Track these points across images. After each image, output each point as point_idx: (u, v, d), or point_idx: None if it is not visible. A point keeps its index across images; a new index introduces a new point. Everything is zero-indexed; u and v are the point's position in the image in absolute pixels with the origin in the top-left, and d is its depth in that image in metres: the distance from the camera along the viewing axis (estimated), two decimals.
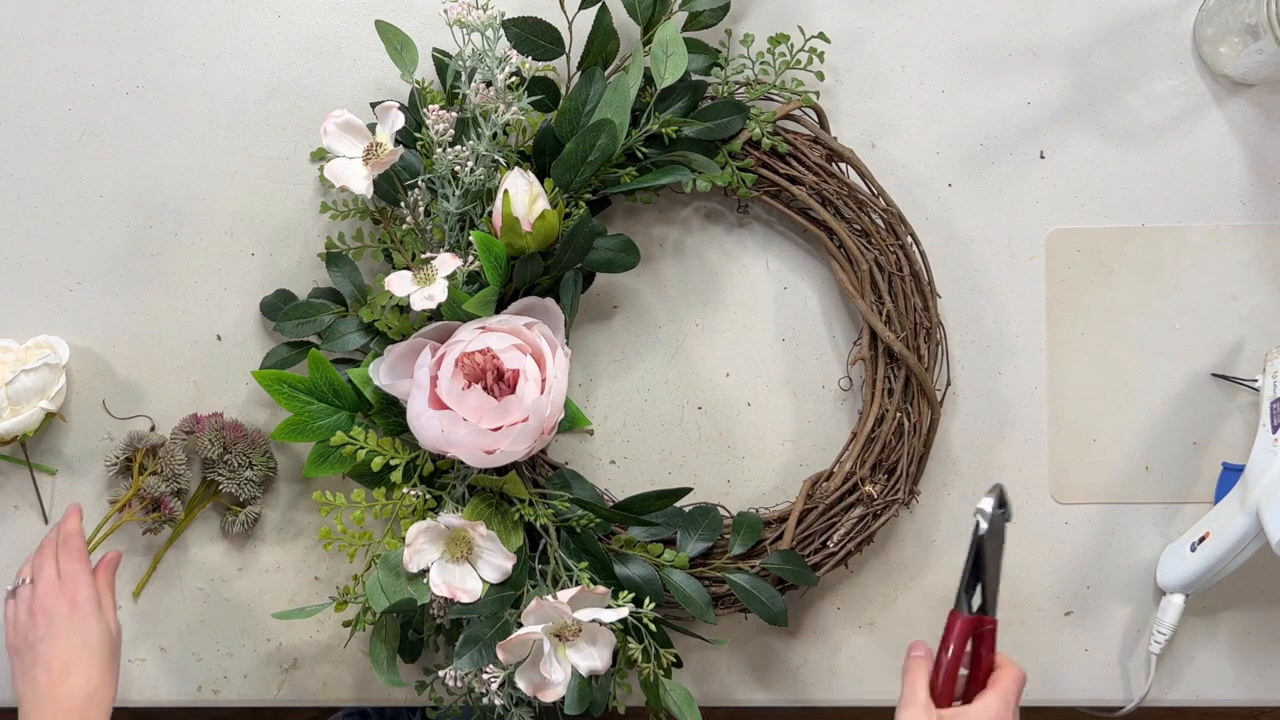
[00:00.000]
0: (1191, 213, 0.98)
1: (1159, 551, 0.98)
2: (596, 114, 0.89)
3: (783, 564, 0.91)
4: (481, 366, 0.84)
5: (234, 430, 0.96)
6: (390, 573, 0.86)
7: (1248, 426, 0.97)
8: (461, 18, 0.86)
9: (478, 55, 0.87)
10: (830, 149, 0.94)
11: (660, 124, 0.91)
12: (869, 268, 0.94)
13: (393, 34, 0.91)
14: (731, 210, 0.99)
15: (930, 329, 0.94)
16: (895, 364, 0.94)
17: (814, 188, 0.94)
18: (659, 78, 0.90)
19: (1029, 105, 0.98)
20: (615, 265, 0.93)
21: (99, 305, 0.99)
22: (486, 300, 0.87)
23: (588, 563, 0.88)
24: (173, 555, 0.99)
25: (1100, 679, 0.99)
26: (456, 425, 0.84)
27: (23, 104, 1.00)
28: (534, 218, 0.87)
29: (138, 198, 0.99)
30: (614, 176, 0.92)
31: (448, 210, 0.90)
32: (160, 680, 0.99)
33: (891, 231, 0.94)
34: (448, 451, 0.85)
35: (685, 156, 0.91)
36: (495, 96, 0.87)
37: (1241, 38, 0.94)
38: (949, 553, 0.99)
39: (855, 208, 0.94)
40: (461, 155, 0.87)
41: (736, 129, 0.92)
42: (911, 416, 0.94)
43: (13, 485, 0.99)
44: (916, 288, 0.94)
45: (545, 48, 0.92)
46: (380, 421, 0.90)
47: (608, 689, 0.88)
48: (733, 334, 0.99)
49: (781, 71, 0.94)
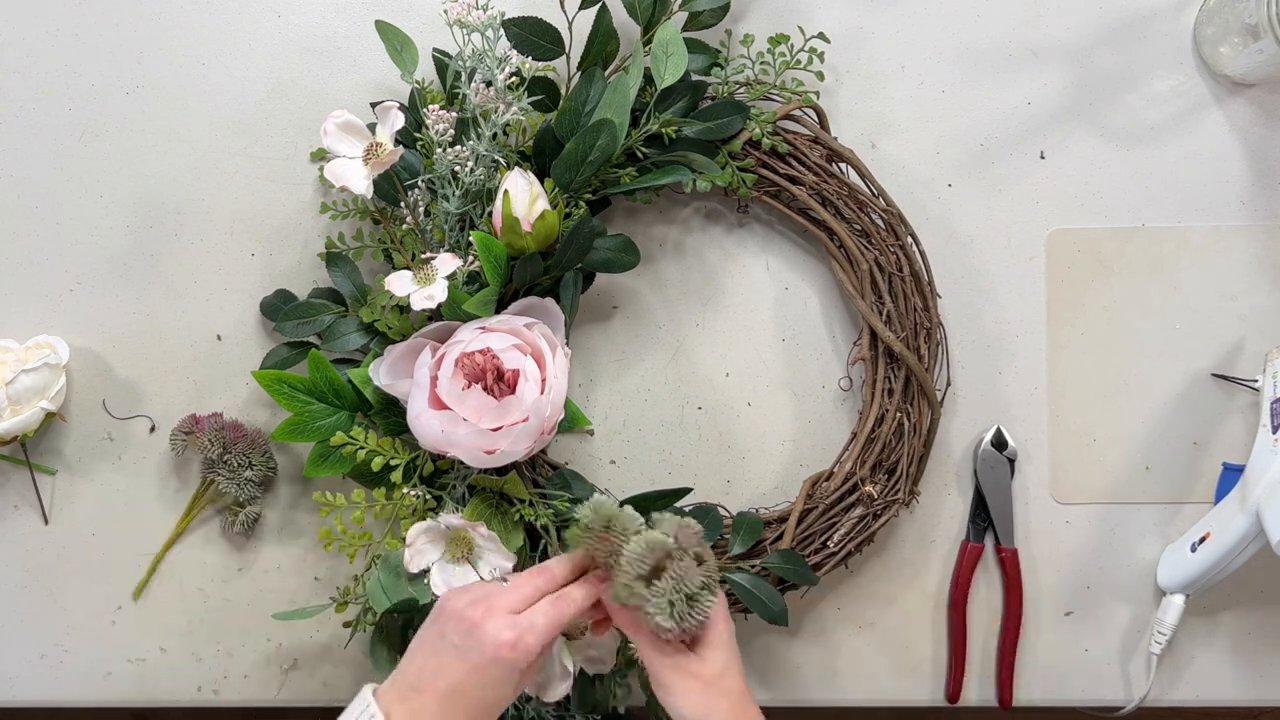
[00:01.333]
0: (1191, 213, 0.98)
1: (1159, 551, 0.98)
2: (596, 114, 0.89)
3: (783, 564, 0.91)
4: (481, 367, 0.84)
5: (234, 430, 0.96)
6: (391, 573, 0.86)
7: (1248, 426, 0.97)
8: (461, 18, 0.86)
9: (478, 55, 0.87)
10: (830, 149, 0.94)
11: (660, 124, 0.91)
12: (869, 268, 0.94)
13: (393, 34, 0.91)
14: (731, 210, 0.99)
15: (930, 329, 0.94)
16: (895, 364, 0.94)
17: (814, 188, 0.94)
18: (659, 78, 0.90)
19: (1029, 105, 0.98)
20: (615, 265, 0.93)
21: (99, 305, 0.99)
22: (486, 300, 0.87)
23: None
24: (173, 555, 0.99)
25: (1100, 679, 0.99)
26: (456, 425, 0.84)
27: (23, 104, 1.00)
28: (534, 218, 0.87)
29: (138, 198, 0.99)
30: (614, 177, 0.92)
31: (448, 210, 0.90)
32: (160, 680, 0.99)
33: (891, 232, 0.94)
34: (448, 451, 0.85)
35: (685, 156, 0.91)
36: (495, 96, 0.87)
37: (1241, 38, 0.94)
38: (949, 553, 0.99)
39: (855, 208, 0.94)
40: (461, 155, 0.87)
41: (736, 129, 0.92)
42: (911, 416, 0.94)
43: (13, 485, 0.99)
44: (916, 288, 0.94)
45: (545, 48, 0.92)
46: (380, 421, 0.90)
47: (608, 689, 0.88)
48: (733, 334, 0.99)
49: (781, 72, 0.94)
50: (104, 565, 0.99)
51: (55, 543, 0.99)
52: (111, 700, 1.00)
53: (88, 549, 0.99)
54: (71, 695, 1.00)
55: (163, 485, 0.99)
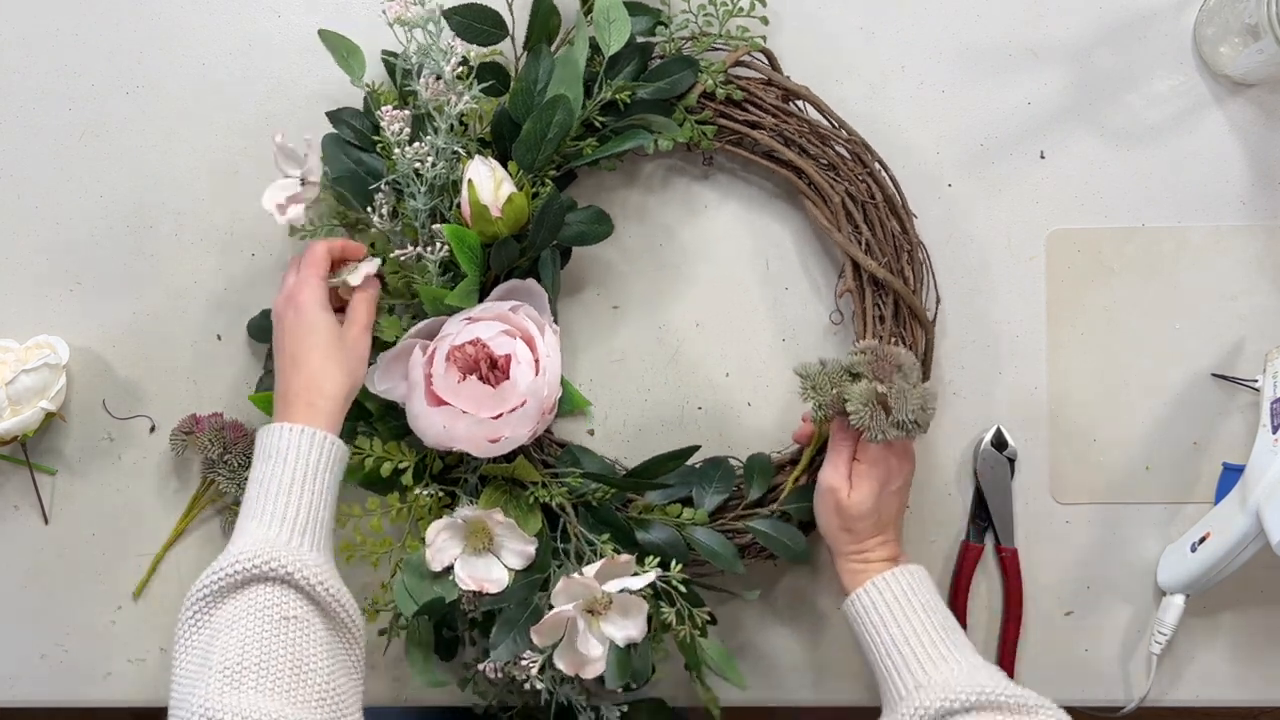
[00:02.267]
0: (1191, 213, 0.98)
1: (1159, 551, 0.98)
2: (549, 91, 0.90)
3: (800, 502, 0.91)
4: (473, 357, 0.84)
5: (234, 430, 0.96)
6: (415, 575, 0.86)
7: (1248, 426, 0.97)
8: (400, 15, 0.86)
9: (423, 50, 0.87)
10: (785, 89, 0.94)
11: (613, 91, 0.91)
12: (841, 200, 0.93)
13: (337, 41, 0.92)
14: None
15: (911, 250, 0.94)
16: (882, 291, 0.94)
17: (775, 129, 0.94)
18: (605, 45, 0.90)
19: (1029, 105, 0.98)
20: (590, 237, 0.92)
21: (99, 305, 0.99)
22: (468, 291, 0.87)
23: (609, 534, 0.89)
24: (173, 555, 0.99)
25: (1100, 679, 0.98)
26: (457, 420, 0.84)
27: (23, 104, 1.00)
28: (502, 202, 0.87)
29: (138, 198, 0.99)
30: (575, 150, 0.92)
31: (416, 208, 0.89)
32: (160, 680, 0.99)
33: (858, 161, 0.94)
34: (453, 446, 0.85)
35: (643, 119, 0.91)
36: (446, 88, 0.87)
37: (1241, 38, 0.94)
38: (949, 553, 0.99)
39: (819, 143, 0.94)
40: (421, 152, 0.87)
41: (689, 84, 0.92)
42: (906, 340, 0.94)
43: (13, 485, 0.99)
44: (891, 212, 0.94)
45: (488, 32, 0.91)
46: (382, 428, 0.90)
47: (648, 657, 0.88)
48: (733, 334, 0.99)
49: (725, 20, 0.94)
50: (104, 565, 0.99)
51: (55, 543, 0.99)
52: (111, 700, 1.00)
53: (88, 549, 0.99)
54: (71, 695, 1.00)
55: (163, 485, 0.99)
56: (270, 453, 0.81)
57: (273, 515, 0.79)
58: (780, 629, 0.98)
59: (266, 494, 0.80)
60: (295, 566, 0.76)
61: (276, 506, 0.79)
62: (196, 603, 0.76)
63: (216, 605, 0.76)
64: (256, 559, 0.76)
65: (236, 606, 0.75)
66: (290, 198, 0.87)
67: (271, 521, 0.79)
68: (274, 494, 0.80)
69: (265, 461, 0.81)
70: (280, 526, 0.78)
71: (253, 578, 0.76)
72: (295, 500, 0.80)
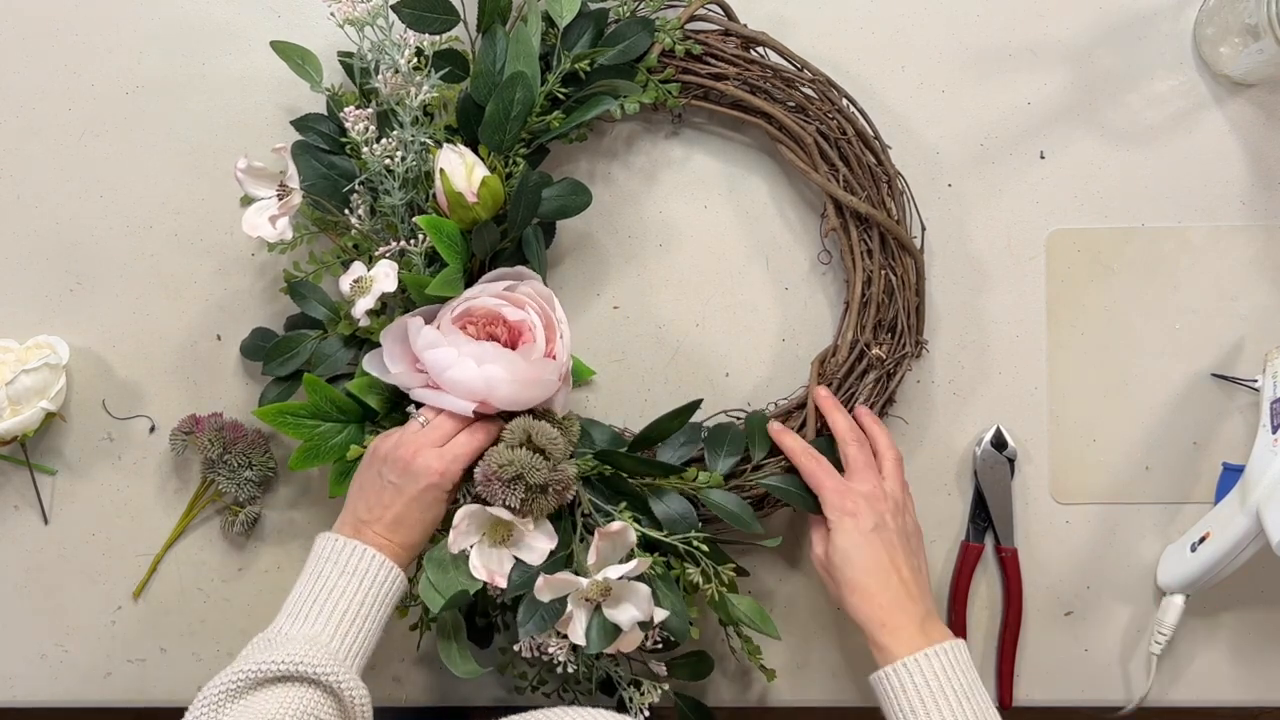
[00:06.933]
0: (1191, 213, 0.98)
1: (1159, 551, 0.98)
2: (507, 70, 0.90)
3: None
4: (487, 320, 0.86)
5: (234, 430, 0.96)
6: (438, 569, 0.86)
7: (1248, 426, 0.97)
8: (349, 15, 0.86)
9: (377, 47, 0.87)
10: (743, 37, 0.94)
11: (572, 61, 0.90)
12: (813, 140, 0.93)
13: (291, 50, 0.92)
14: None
15: (890, 180, 0.94)
16: (866, 225, 0.94)
17: (739, 79, 0.94)
18: (558, 17, 0.90)
19: (1029, 105, 0.98)
20: (570, 209, 0.92)
21: (99, 305, 0.99)
22: (450, 279, 0.86)
23: (625, 503, 0.89)
24: (173, 555, 0.99)
25: (1100, 679, 0.99)
26: (493, 358, 0.84)
27: (23, 104, 1.00)
28: (476, 187, 0.87)
29: (138, 198, 0.99)
30: (543, 124, 0.92)
31: (392, 204, 0.89)
32: (160, 680, 0.99)
33: (825, 99, 0.94)
34: (489, 398, 0.84)
35: (606, 85, 0.91)
36: (404, 81, 0.87)
37: (1241, 38, 0.94)
38: (949, 553, 0.99)
39: (784, 86, 0.94)
40: (389, 148, 0.87)
41: (647, 45, 0.92)
42: (897, 271, 0.94)
43: (13, 485, 0.99)
44: (865, 145, 0.94)
45: (439, 19, 0.90)
46: (389, 425, 0.90)
47: (685, 616, 0.88)
48: (733, 334, 0.99)
49: None
50: (104, 565, 0.99)
51: (55, 543, 0.99)
52: (111, 700, 1.00)
53: (88, 549, 0.99)
54: (71, 695, 1.00)
55: (163, 485, 0.99)
56: (344, 567, 0.83)
57: (336, 626, 0.80)
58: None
59: (332, 602, 0.81)
60: (348, 685, 0.78)
61: (337, 620, 0.81)
62: (234, 682, 0.76)
63: (253, 691, 0.77)
64: (311, 662, 0.77)
65: (272, 698, 0.76)
66: (272, 216, 0.87)
67: (326, 625, 0.80)
68: (342, 609, 0.81)
69: (337, 573, 0.82)
70: (339, 641, 0.80)
71: (300, 677, 0.77)
72: (359, 624, 0.81)
